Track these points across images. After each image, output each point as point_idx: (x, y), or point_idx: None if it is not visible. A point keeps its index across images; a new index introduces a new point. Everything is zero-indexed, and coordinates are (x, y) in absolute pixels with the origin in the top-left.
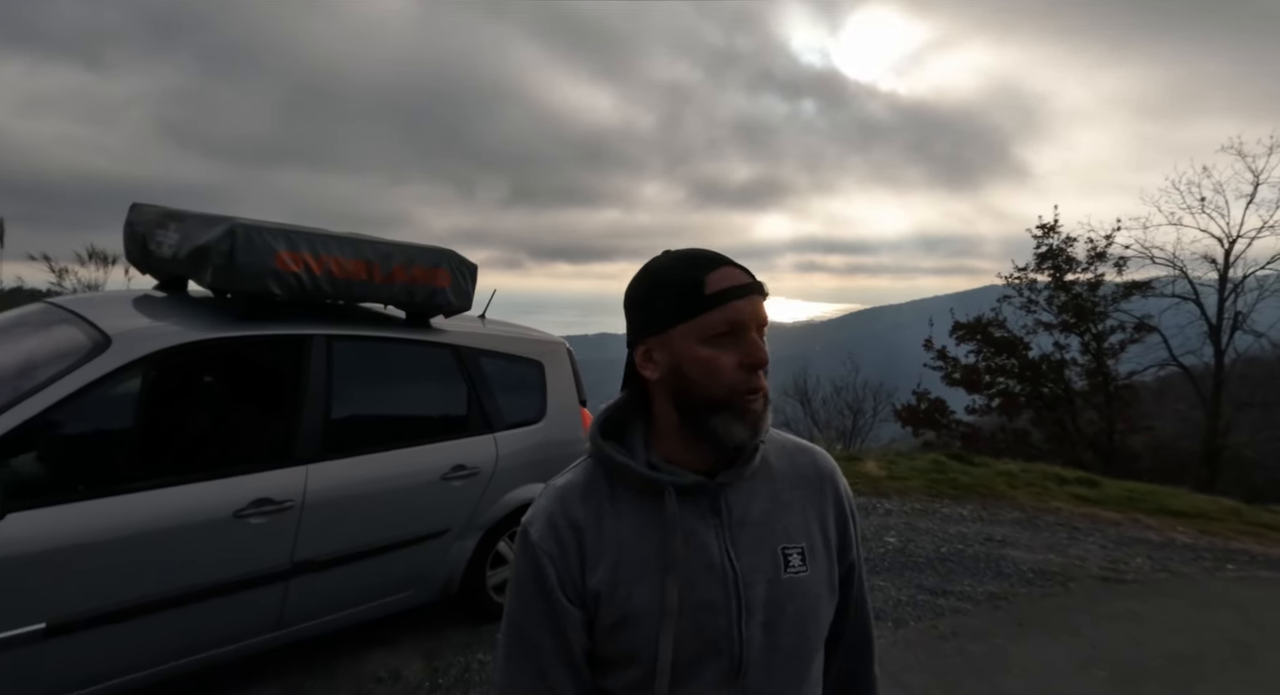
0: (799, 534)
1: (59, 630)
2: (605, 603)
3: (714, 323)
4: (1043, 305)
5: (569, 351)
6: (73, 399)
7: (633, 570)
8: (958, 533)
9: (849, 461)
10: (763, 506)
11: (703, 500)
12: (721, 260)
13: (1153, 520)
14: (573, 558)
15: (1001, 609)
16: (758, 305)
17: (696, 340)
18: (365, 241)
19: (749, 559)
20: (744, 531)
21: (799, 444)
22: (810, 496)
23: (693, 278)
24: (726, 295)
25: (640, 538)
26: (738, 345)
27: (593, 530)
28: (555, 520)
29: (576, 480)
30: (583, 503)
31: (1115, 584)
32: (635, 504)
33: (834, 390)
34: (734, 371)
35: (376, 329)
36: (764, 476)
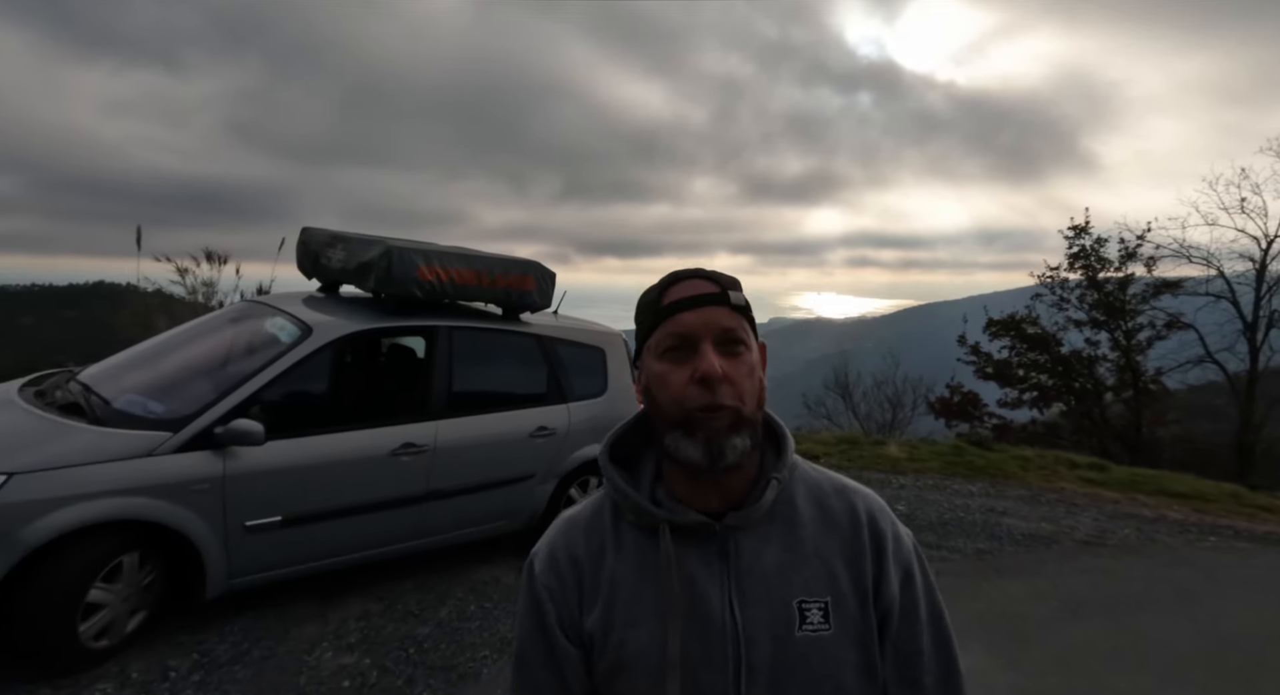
0: (822, 587)
1: (289, 523)
2: (599, 646)
3: (665, 336)
4: (1074, 303)
5: (625, 341)
6: (294, 368)
7: (628, 613)
8: (963, 504)
9: (873, 445)
10: (778, 554)
11: (708, 544)
12: (691, 274)
13: (1151, 500)
14: (571, 594)
15: (985, 560)
16: (714, 315)
17: (654, 356)
18: (476, 256)
19: (755, 612)
20: (753, 581)
21: (839, 485)
22: (842, 545)
23: (655, 294)
24: (675, 307)
25: (639, 578)
26: (691, 359)
27: (592, 567)
28: (557, 554)
29: (584, 512)
30: (586, 537)
31: (1096, 547)
32: (637, 541)
33: (874, 384)
34: (685, 387)
35: (482, 322)
36: (783, 520)
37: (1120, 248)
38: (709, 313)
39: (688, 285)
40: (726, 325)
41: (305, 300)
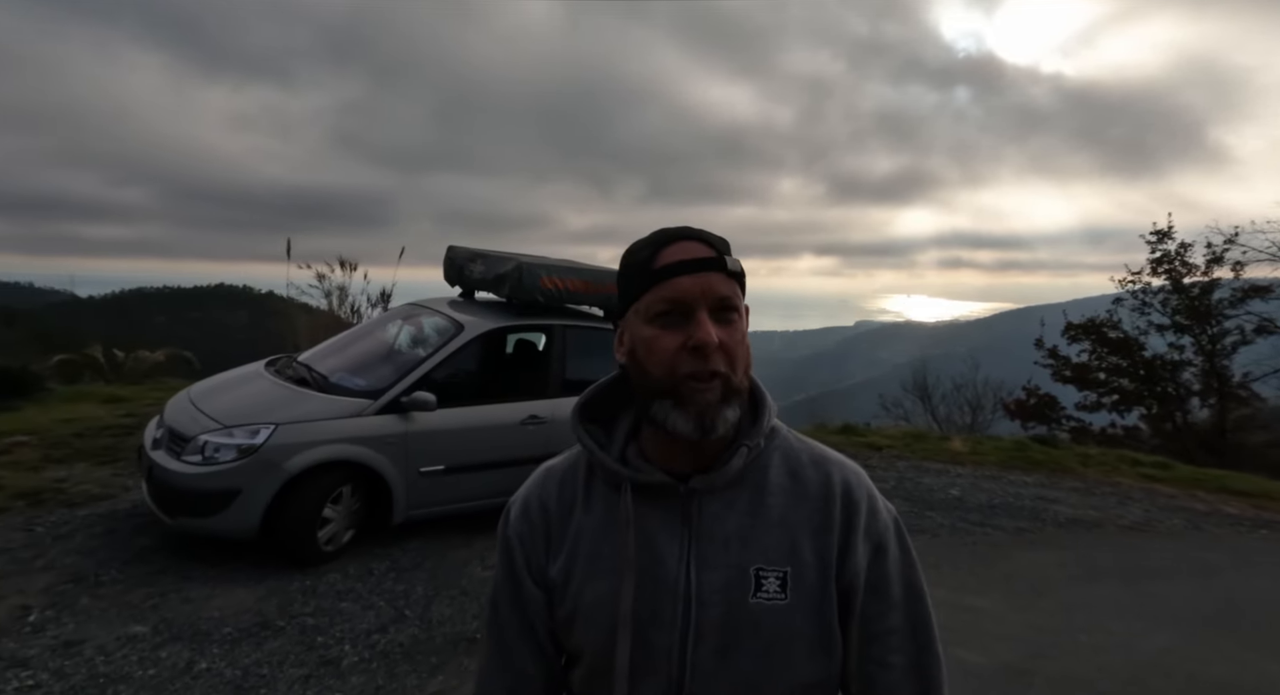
0: (782, 556)
1: (449, 471)
2: (559, 594)
3: (657, 300)
4: (1156, 307)
5: None
6: (452, 356)
7: (588, 565)
8: (1014, 492)
9: (939, 440)
10: (741, 520)
11: (672, 504)
12: (683, 234)
13: (1211, 496)
14: (539, 541)
15: (1023, 536)
16: (711, 281)
17: (643, 320)
18: (584, 269)
19: (711, 575)
20: (712, 545)
21: (817, 455)
22: (810, 516)
23: (646, 254)
24: (671, 270)
25: (602, 533)
26: (683, 325)
27: (561, 517)
28: (530, 503)
29: (562, 464)
30: (560, 488)
31: (1137, 532)
32: (605, 497)
33: (954, 387)
34: (676, 354)
35: (588, 321)
36: (753, 486)
37: (1207, 252)
38: (705, 279)
39: (682, 247)
40: (723, 292)
41: (451, 303)
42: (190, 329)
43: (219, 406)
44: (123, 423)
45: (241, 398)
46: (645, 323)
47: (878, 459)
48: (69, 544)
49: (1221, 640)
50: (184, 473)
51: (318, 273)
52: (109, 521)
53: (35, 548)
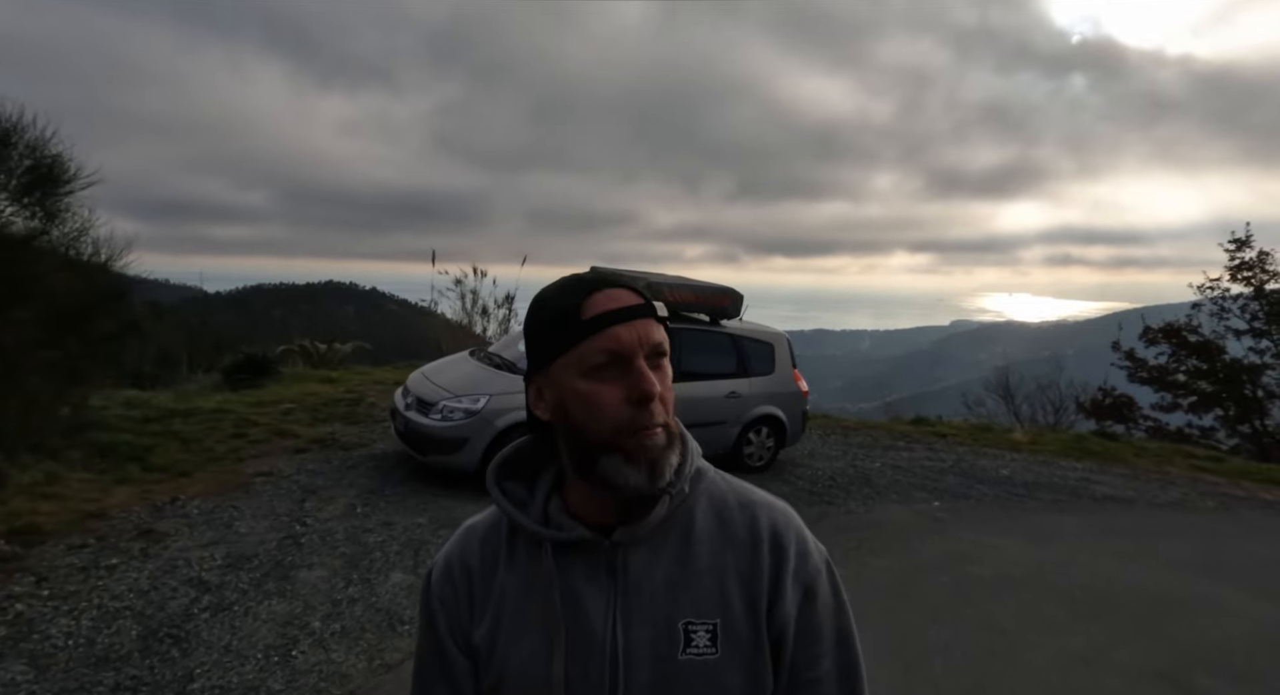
0: (711, 608)
1: None
2: (484, 662)
3: (591, 352)
4: (1235, 313)
5: (788, 340)
6: None
7: (512, 628)
8: (1061, 474)
9: (1003, 432)
10: (669, 571)
11: (596, 560)
12: (604, 281)
13: (1253, 485)
14: (463, 605)
15: (1057, 506)
16: (645, 329)
17: (576, 374)
18: (695, 284)
19: (638, 632)
20: (640, 599)
21: (743, 497)
22: (737, 562)
23: (568, 303)
24: (603, 320)
25: (525, 593)
26: (623, 377)
27: (483, 578)
28: (452, 564)
29: (484, 520)
30: (481, 547)
31: (1168, 508)
32: (527, 555)
33: (1037, 388)
34: (619, 407)
35: (696, 325)
36: (679, 536)
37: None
38: (640, 326)
39: (610, 296)
40: (657, 339)
41: None
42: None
43: (448, 381)
44: (347, 396)
45: (461, 376)
46: (580, 377)
47: (942, 445)
48: (357, 472)
49: (1197, 578)
50: (432, 425)
51: (455, 278)
52: (375, 460)
53: (339, 473)
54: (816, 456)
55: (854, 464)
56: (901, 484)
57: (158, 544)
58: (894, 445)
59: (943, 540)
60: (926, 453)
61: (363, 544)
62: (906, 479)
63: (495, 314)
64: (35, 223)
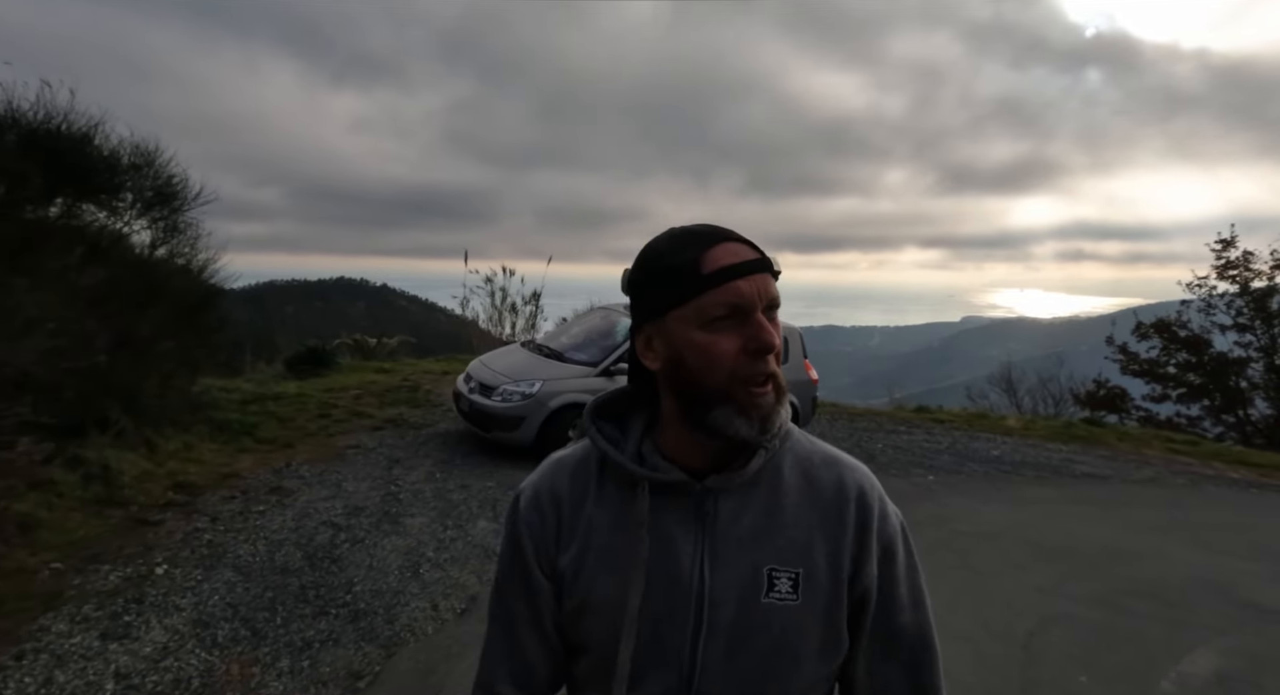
0: (795, 557)
1: None
2: (569, 586)
3: (712, 305)
4: (1221, 309)
5: (800, 333)
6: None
7: (599, 560)
8: (1047, 455)
9: (998, 419)
10: (756, 520)
11: (689, 502)
12: (723, 235)
13: (1223, 465)
14: (550, 532)
15: (1039, 480)
16: (764, 283)
17: (694, 325)
18: None
19: (724, 574)
20: (727, 544)
21: (829, 456)
22: (823, 517)
23: (689, 256)
24: (726, 274)
25: (614, 528)
26: (741, 328)
27: (573, 509)
28: (541, 493)
29: (573, 455)
30: (571, 480)
31: (1140, 484)
32: (618, 492)
33: (1039, 382)
34: (736, 358)
35: None
36: (769, 486)
37: (1270, 259)
38: (760, 280)
39: (729, 250)
40: (773, 293)
41: (625, 308)
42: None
43: (505, 368)
44: (404, 384)
45: (516, 364)
46: (699, 328)
47: (940, 430)
48: (429, 446)
49: (1149, 535)
50: (494, 406)
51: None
52: (442, 437)
53: (414, 447)
54: (825, 437)
55: (858, 445)
56: (900, 461)
57: (288, 497)
58: (895, 430)
59: (933, 505)
60: (925, 436)
61: (448, 500)
62: (905, 457)
63: (523, 310)
64: (159, 234)
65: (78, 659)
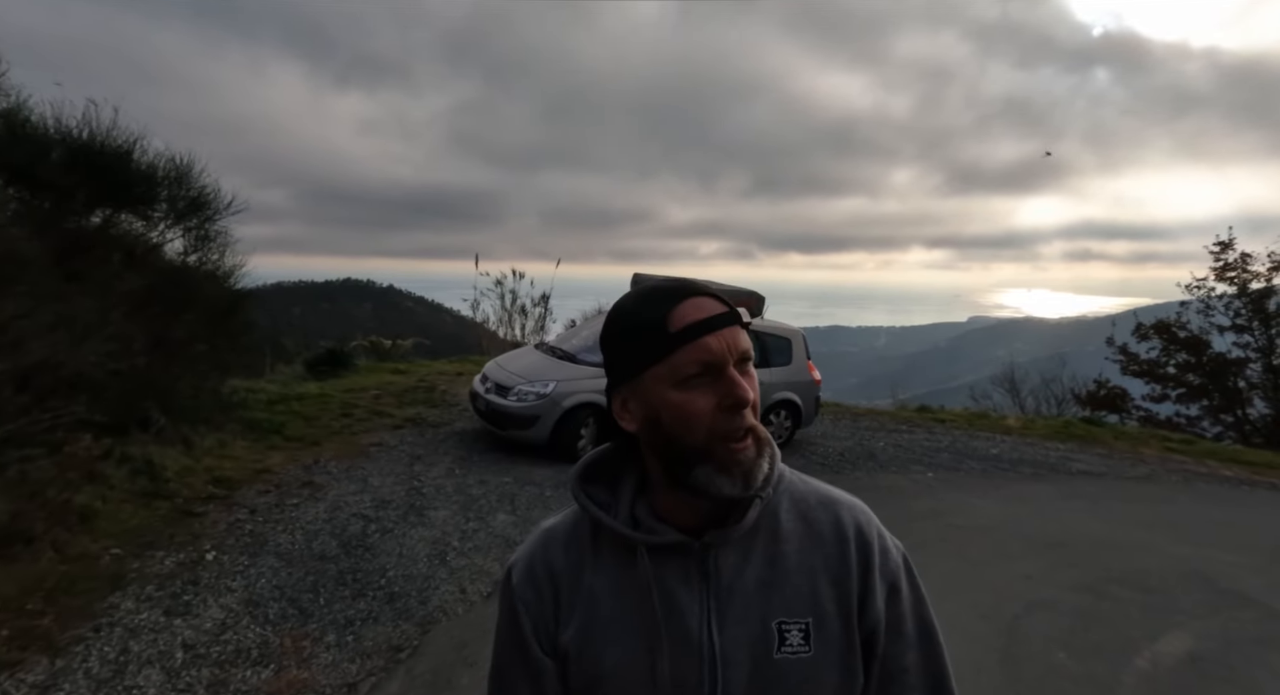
0: (803, 607)
1: None
2: (574, 663)
3: (683, 363)
4: (1220, 310)
5: (804, 335)
6: None
7: (605, 631)
8: (1044, 453)
9: (999, 418)
10: (759, 572)
11: (689, 562)
12: (690, 290)
13: (1216, 463)
14: (548, 607)
15: (1036, 477)
16: (733, 337)
17: (668, 384)
18: (726, 288)
19: (734, 632)
20: (733, 600)
21: (823, 496)
22: (826, 562)
23: (655, 315)
24: (694, 330)
25: (616, 596)
26: (715, 385)
27: (570, 581)
28: (535, 567)
29: (563, 524)
30: (565, 550)
31: (1133, 481)
32: (615, 557)
33: (1042, 382)
34: (713, 415)
35: None
36: (767, 536)
37: (1268, 260)
38: (728, 335)
39: (696, 304)
40: (744, 346)
41: None
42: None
43: (520, 369)
44: (420, 385)
45: (530, 365)
46: (672, 387)
47: (941, 429)
48: (447, 444)
49: (1137, 529)
50: (510, 406)
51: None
52: (459, 436)
53: (434, 444)
54: (829, 437)
55: (861, 443)
56: (901, 459)
57: (319, 491)
58: (897, 429)
59: (931, 499)
60: (926, 435)
61: (469, 494)
62: (905, 455)
63: (533, 313)
64: (190, 242)
65: (147, 632)
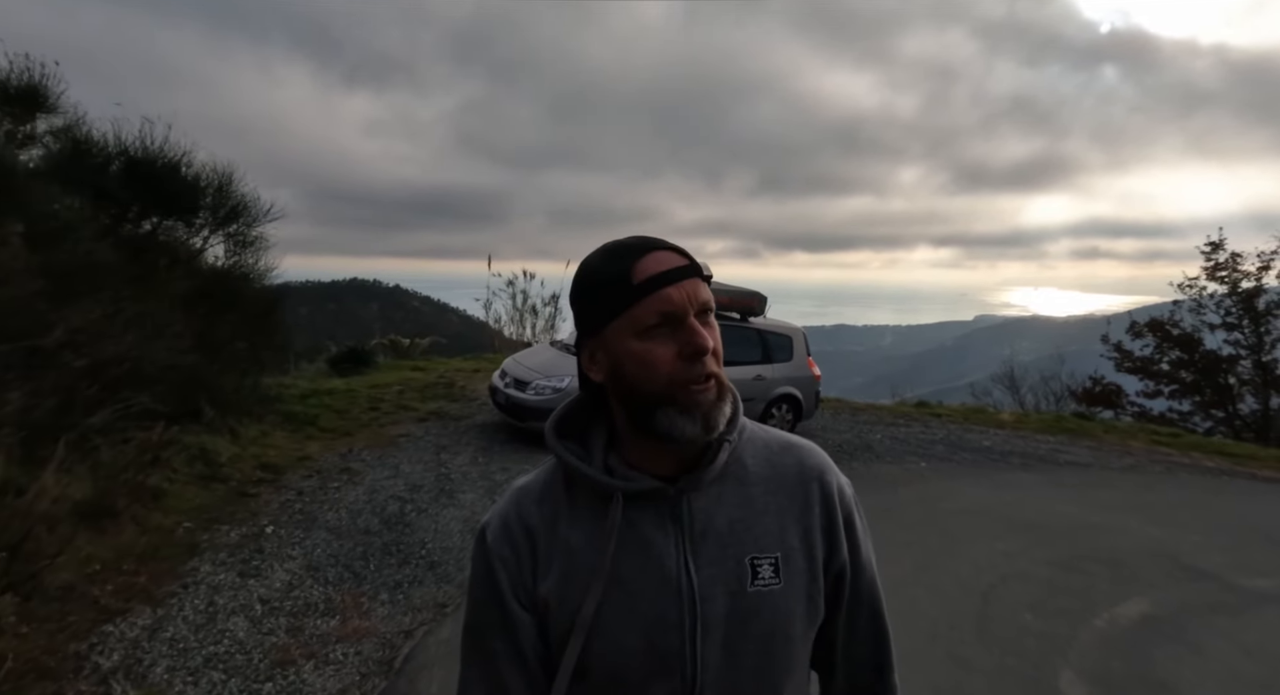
0: (772, 543)
1: None
2: (554, 612)
3: (644, 314)
4: (1211, 308)
5: (804, 333)
6: None
7: (582, 579)
8: (1035, 445)
9: (995, 413)
10: (730, 513)
11: (662, 507)
12: (651, 245)
13: (1200, 455)
14: (525, 563)
15: (1025, 467)
16: (694, 288)
17: (630, 335)
18: (730, 288)
19: (710, 571)
20: (707, 541)
21: (785, 442)
22: (790, 500)
23: (618, 269)
24: (655, 282)
25: (592, 546)
26: (675, 335)
27: (546, 535)
28: (510, 523)
29: (535, 482)
30: (538, 506)
31: (1118, 471)
32: (591, 509)
33: (1041, 379)
34: (672, 363)
35: (729, 322)
36: (735, 480)
37: (1258, 260)
38: (689, 286)
39: (657, 258)
40: (704, 297)
41: None
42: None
43: (537, 365)
44: (440, 381)
45: (546, 361)
46: (635, 337)
47: (937, 423)
48: (469, 435)
49: (1114, 512)
50: (528, 399)
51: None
52: (480, 428)
53: (457, 435)
54: (828, 430)
55: (859, 436)
56: (896, 450)
57: (356, 476)
58: (895, 423)
59: (923, 486)
60: (922, 428)
61: (492, 480)
62: (901, 447)
63: (542, 312)
64: (231, 247)
65: (227, 589)
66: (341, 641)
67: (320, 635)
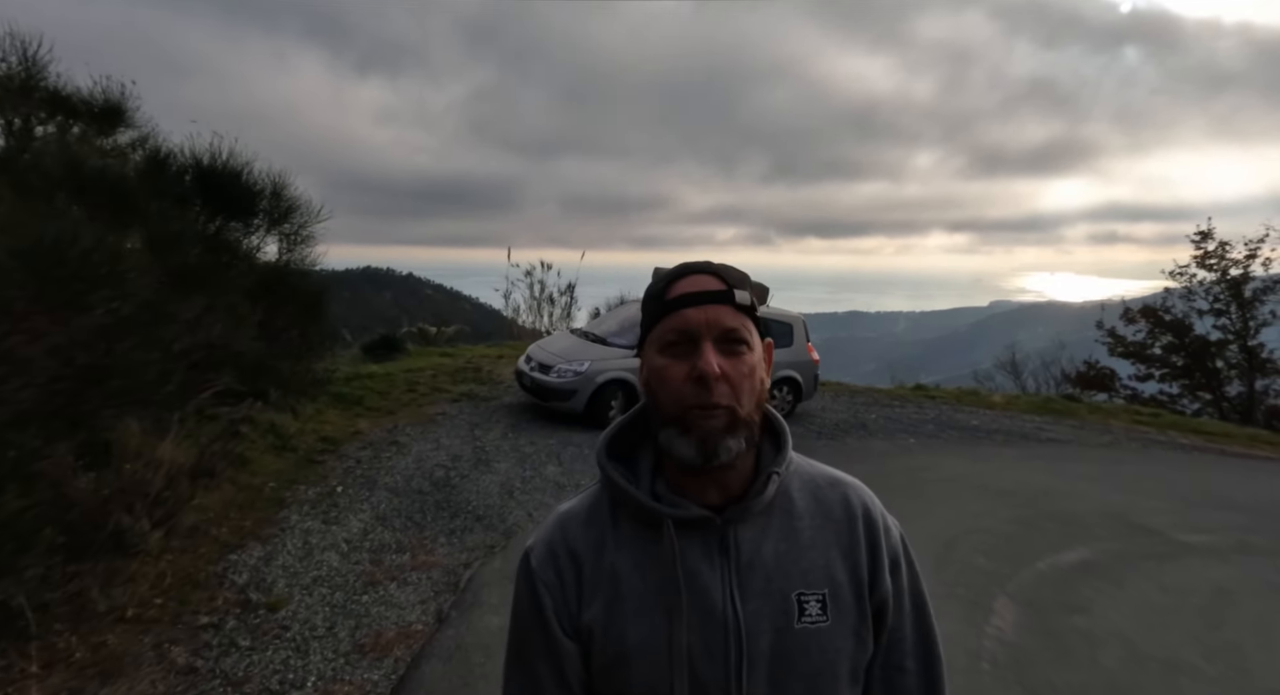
0: (820, 578)
1: None
2: (599, 640)
3: (667, 330)
4: (1200, 295)
5: (804, 321)
6: None
7: (629, 607)
8: (1020, 424)
9: (987, 395)
10: (776, 546)
11: (710, 538)
12: (697, 269)
13: (1176, 433)
14: (570, 589)
15: (1007, 444)
16: (717, 314)
17: (655, 350)
18: None
19: (755, 605)
20: (753, 574)
21: (831, 477)
22: (837, 536)
23: (662, 287)
24: (680, 302)
25: (639, 572)
26: (690, 355)
27: (591, 561)
28: (555, 548)
29: (580, 506)
30: (584, 531)
31: (1096, 448)
32: (636, 535)
33: (1042, 364)
34: (682, 383)
35: None
36: (782, 513)
37: (1245, 249)
38: (712, 310)
39: (693, 280)
40: (729, 325)
41: None
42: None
43: (559, 350)
44: (468, 366)
45: (568, 347)
46: (657, 352)
47: (930, 404)
48: (499, 414)
49: (1081, 482)
50: (552, 381)
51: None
52: (508, 408)
53: (487, 414)
54: (827, 410)
55: (855, 415)
56: (888, 428)
57: (404, 448)
58: (890, 404)
59: (909, 459)
60: (915, 409)
61: (522, 452)
62: (893, 425)
63: (559, 302)
64: (284, 245)
65: (317, 533)
66: (415, 569)
67: (397, 565)
